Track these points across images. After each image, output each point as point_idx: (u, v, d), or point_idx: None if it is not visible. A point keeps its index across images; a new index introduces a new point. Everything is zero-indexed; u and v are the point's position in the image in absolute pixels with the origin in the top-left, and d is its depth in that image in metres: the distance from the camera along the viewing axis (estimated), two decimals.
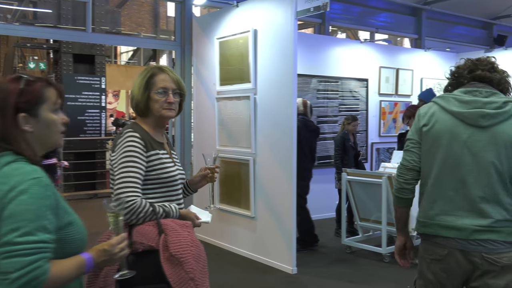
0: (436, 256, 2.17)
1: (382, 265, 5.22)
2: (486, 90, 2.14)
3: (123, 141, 2.08)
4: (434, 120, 2.18)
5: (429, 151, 2.20)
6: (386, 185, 5.22)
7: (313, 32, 9.28)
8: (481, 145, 2.08)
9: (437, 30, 10.85)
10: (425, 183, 2.23)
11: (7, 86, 1.52)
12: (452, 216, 2.12)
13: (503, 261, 2.08)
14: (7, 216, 1.36)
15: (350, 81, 7.78)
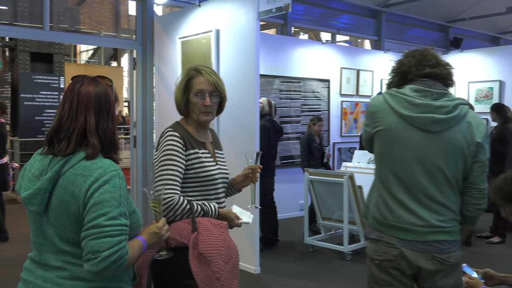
0: (387, 257, 2.17)
1: (344, 263, 5.29)
2: (437, 91, 2.13)
3: (163, 141, 2.16)
4: (384, 122, 2.16)
5: (381, 153, 2.20)
6: (347, 185, 5.30)
7: (275, 33, 9.33)
8: (431, 150, 2.10)
9: (396, 32, 11.10)
10: (377, 185, 2.23)
11: (107, 90, 1.72)
12: (405, 218, 2.13)
13: (452, 260, 2.15)
14: (94, 203, 1.54)
15: (312, 82, 7.86)
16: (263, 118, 5.98)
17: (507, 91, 8.34)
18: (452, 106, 2.10)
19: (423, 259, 2.13)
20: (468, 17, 11.56)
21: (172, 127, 2.22)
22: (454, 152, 2.11)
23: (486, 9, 11.17)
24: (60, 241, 1.61)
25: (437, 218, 2.12)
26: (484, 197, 2.20)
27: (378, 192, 2.22)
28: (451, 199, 2.15)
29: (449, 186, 2.13)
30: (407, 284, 2.20)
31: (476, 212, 2.21)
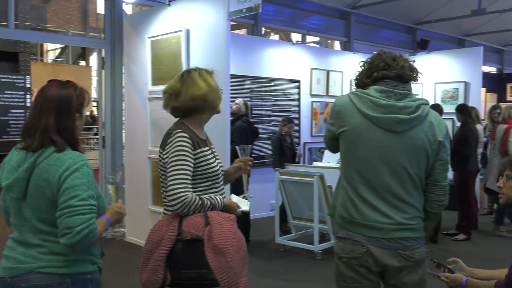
0: (354, 254, 2.21)
1: (314, 262, 5.34)
2: (400, 92, 2.18)
3: (174, 141, 2.30)
4: (350, 122, 2.19)
5: (346, 153, 2.24)
6: (317, 184, 5.34)
7: (246, 33, 9.33)
8: (395, 149, 2.15)
9: (365, 33, 11.25)
10: (343, 184, 2.27)
11: (70, 93, 1.96)
12: (371, 216, 2.18)
13: (416, 257, 2.20)
14: (66, 187, 1.84)
15: (282, 82, 7.89)
16: (240, 119, 5.98)
17: (472, 91, 8.56)
18: (415, 106, 2.16)
19: (389, 256, 2.18)
20: (435, 20, 11.80)
21: (180, 128, 2.35)
22: (417, 151, 2.17)
23: (452, 11, 11.43)
24: (38, 222, 1.90)
25: (402, 216, 2.18)
26: (446, 194, 2.28)
27: (344, 191, 2.26)
28: (415, 197, 2.21)
29: (413, 184, 2.19)
30: (374, 281, 2.25)
31: (439, 208, 2.29)
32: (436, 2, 11.16)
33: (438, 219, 2.35)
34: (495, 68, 15.93)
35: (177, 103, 2.41)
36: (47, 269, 1.89)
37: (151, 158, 5.74)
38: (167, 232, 2.24)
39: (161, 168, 2.41)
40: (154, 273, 2.20)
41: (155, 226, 2.31)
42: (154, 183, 5.75)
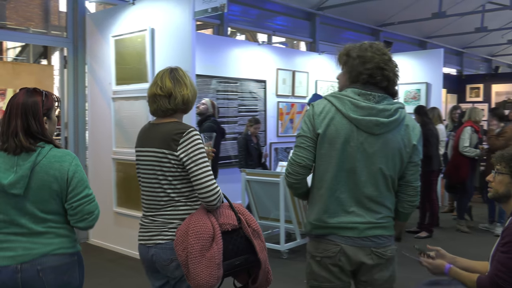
0: (328, 253, 2.23)
1: (281, 262, 5.36)
2: (378, 95, 2.20)
3: (192, 138, 2.28)
4: (330, 123, 2.18)
5: (325, 154, 2.21)
6: (283, 184, 5.37)
7: (212, 33, 9.29)
8: (373, 151, 2.18)
9: (330, 34, 11.38)
10: (320, 186, 2.25)
11: (36, 100, 2.19)
12: (346, 217, 2.20)
13: (388, 254, 2.26)
14: (78, 181, 2.18)
15: (249, 82, 7.90)
16: (208, 119, 5.97)
17: (433, 92, 8.78)
18: (394, 109, 2.19)
19: (363, 254, 2.22)
20: (397, 22, 12.04)
21: (189, 126, 2.34)
22: (394, 154, 2.21)
23: (414, 14, 11.69)
24: (42, 213, 2.16)
25: (374, 216, 2.22)
26: (418, 195, 2.33)
27: (320, 191, 2.25)
28: (387, 198, 2.25)
29: (386, 186, 2.23)
30: (345, 281, 2.28)
31: (410, 209, 2.34)
32: (399, 4, 11.39)
33: (407, 219, 2.41)
34: (455, 70, 16.39)
35: (169, 105, 2.35)
36: (59, 251, 2.18)
37: (115, 159, 5.65)
38: (215, 227, 2.24)
39: (166, 168, 2.30)
40: (218, 269, 2.19)
41: (196, 224, 2.21)
42: (118, 185, 5.66)
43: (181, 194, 2.32)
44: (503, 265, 2.40)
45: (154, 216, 2.36)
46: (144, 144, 2.40)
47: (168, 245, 2.29)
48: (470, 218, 7.43)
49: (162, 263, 2.31)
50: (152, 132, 2.39)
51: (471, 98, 12.09)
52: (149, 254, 2.35)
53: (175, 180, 2.30)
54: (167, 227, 2.31)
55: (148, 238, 2.35)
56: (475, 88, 12.16)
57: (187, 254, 2.18)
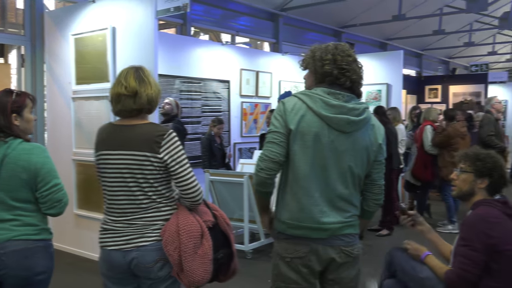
0: (298, 254, 2.24)
1: (245, 262, 5.36)
2: (347, 94, 2.23)
3: (173, 140, 2.28)
4: (302, 120, 2.18)
5: (298, 151, 2.21)
6: (247, 184, 5.38)
7: (175, 32, 9.21)
8: (344, 149, 2.20)
9: (293, 35, 11.47)
10: (293, 184, 2.24)
11: (5, 98, 2.45)
12: (317, 217, 2.21)
13: (355, 252, 2.30)
14: (46, 171, 2.41)
15: (212, 82, 7.87)
16: (173, 120, 5.90)
17: (393, 93, 8.96)
18: (362, 109, 2.24)
19: (333, 253, 2.24)
20: (359, 23, 12.25)
21: (165, 127, 2.36)
22: (362, 152, 2.24)
23: (375, 16, 11.92)
24: (12, 200, 2.37)
25: (344, 215, 2.25)
26: (382, 193, 2.38)
27: (290, 190, 2.25)
28: (354, 197, 2.28)
29: (354, 184, 2.26)
30: (312, 283, 2.30)
31: (375, 207, 2.39)
32: (360, 6, 11.58)
33: (372, 218, 2.46)
34: (415, 71, 16.80)
35: (134, 105, 2.31)
36: (23, 237, 2.37)
37: (76, 160, 5.53)
38: (201, 225, 2.32)
39: (148, 171, 2.26)
40: (210, 264, 2.30)
41: (186, 223, 2.25)
42: (79, 186, 5.54)
43: (162, 195, 2.31)
44: (466, 257, 2.50)
45: (131, 220, 2.30)
46: (115, 147, 2.31)
47: (153, 246, 2.26)
48: (429, 215, 7.64)
49: (144, 266, 2.27)
50: (123, 134, 2.31)
51: (429, 99, 12.39)
52: (126, 258, 2.28)
53: (156, 183, 2.28)
54: (150, 229, 2.28)
55: (126, 242, 2.28)
56: (433, 89, 12.48)
57: (180, 253, 2.22)
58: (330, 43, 2.32)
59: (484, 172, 2.64)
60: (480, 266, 2.47)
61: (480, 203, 2.63)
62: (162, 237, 2.25)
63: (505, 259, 2.48)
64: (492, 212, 2.55)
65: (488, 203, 2.61)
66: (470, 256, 2.48)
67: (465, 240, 2.53)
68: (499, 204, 2.61)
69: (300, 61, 2.38)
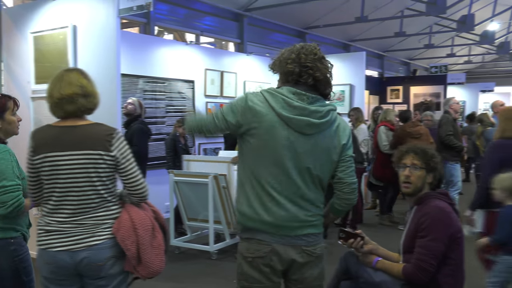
0: (259, 254, 2.24)
1: (210, 263, 5.35)
2: (312, 96, 2.22)
3: (121, 139, 2.37)
4: (263, 119, 2.19)
5: (256, 150, 2.22)
6: (212, 184, 5.36)
7: (138, 31, 9.10)
8: (303, 151, 2.21)
9: (258, 36, 11.51)
10: (251, 180, 2.25)
11: None
12: (278, 214, 2.22)
13: (318, 252, 2.31)
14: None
15: (177, 82, 7.81)
16: (136, 120, 5.82)
17: (356, 94, 9.11)
18: (325, 111, 2.23)
19: (294, 252, 2.25)
20: (323, 25, 12.41)
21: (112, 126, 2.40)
22: (322, 154, 2.25)
23: (338, 18, 12.09)
24: None
25: (305, 214, 2.25)
26: (354, 192, 2.35)
27: (251, 189, 2.25)
28: (316, 197, 2.28)
29: (315, 184, 2.27)
30: (276, 282, 2.30)
31: (347, 206, 2.39)
32: (323, 8, 11.73)
33: (342, 215, 2.47)
34: (377, 72, 17.12)
35: (89, 104, 2.38)
36: None
37: None
38: (151, 219, 2.43)
39: (102, 169, 2.30)
40: (164, 255, 2.44)
41: (139, 218, 2.36)
42: None
43: (112, 193, 2.37)
44: (424, 248, 2.58)
45: (81, 219, 2.30)
46: (65, 148, 2.29)
47: (105, 244, 2.30)
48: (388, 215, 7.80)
49: (96, 264, 2.29)
50: (73, 134, 2.32)
51: (391, 100, 12.65)
52: (74, 259, 2.28)
53: (108, 180, 2.34)
54: (100, 227, 2.31)
55: (75, 243, 2.29)
56: (395, 90, 12.74)
57: (138, 246, 2.31)
58: (296, 45, 2.32)
59: (433, 167, 2.75)
60: (439, 257, 2.57)
61: (427, 197, 2.72)
62: (116, 234, 2.30)
63: (458, 246, 2.62)
64: (443, 204, 2.68)
65: (433, 196, 2.72)
66: (429, 247, 2.57)
67: (425, 231, 2.61)
68: (443, 196, 2.74)
69: (270, 64, 2.38)
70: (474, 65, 23.30)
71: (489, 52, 19.57)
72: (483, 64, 23.71)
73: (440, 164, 2.79)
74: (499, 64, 23.13)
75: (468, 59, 21.26)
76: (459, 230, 2.64)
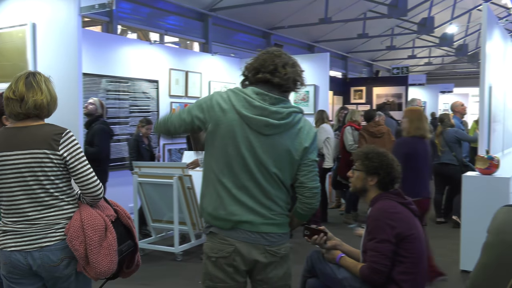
0: (222, 254, 2.25)
1: (175, 264, 5.30)
2: (275, 97, 2.25)
3: (72, 139, 2.37)
4: (224, 117, 2.21)
5: (218, 147, 2.24)
6: (177, 185, 5.32)
7: (101, 30, 8.93)
8: (262, 150, 2.23)
9: (222, 36, 11.49)
10: (212, 178, 2.27)
11: None
12: (238, 211, 2.23)
13: (282, 252, 2.32)
14: None
15: (141, 82, 7.71)
16: (98, 120, 5.71)
17: (321, 94, 9.21)
18: (286, 113, 2.25)
19: (257, 252, 2.25)
20: (287, 26, 12.48)
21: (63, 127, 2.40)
22: (282, 155, 2.26)
23: (302, 19, 12.20)
24: None
25: (268, 211, 2.27)
26: (316, 196, 2.36)
27: (212, 186, 2.27)
28: (278, 195, 2.29)
29: (277, 184, 2.28)
30: (240, 281, 2.30)
31: (309, 211, 2.39)
32: (288, 9, 11.81)
33: (306, 219, 2.48)
34: (341, 73, 17.37)
35: (20, 109, 2.35)
36: None
37: None
38: (105, 219, 2.41)
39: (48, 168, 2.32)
40: (115, 256, 2.39)
41: (89, 218, 2.35)
42: None
43: (64, 192, 2.38)
44: (374, 250, 2.69)
45: (34, 219, 2.33)
46: (12, 148, 2.32)
47: (58, 245, 2.32)
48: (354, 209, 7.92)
49: (49, 265, 2.32)
50: (20, 134, 2.34)
51: (355, 100, 12.85)
52: (29, 259, 2.31)
53: (57, 179, 2.34)
54: (53, 228, 2.33)
55: (28, 243, 2.31)
56: (358, 91, 12.95)
57: (86, 246, 2.30)
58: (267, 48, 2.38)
59: (372, 170, 2.86)
60: (390, 256, 2.66)
61: (377, 199, 2.84)
62: (67, 235, 2.31)
63: (411, 243, 2.70)
64: (389, 204, 2.78)
65: (384, 197, 2.83)
66: (378, 248, 2.67)
67: (372, 234, 2.73)
68: (394, 196, 2.84)
69: (243, 67, 2.42)
70: (434, 67, 23.94)
71: (448, 54, 20.13)
72: (442, 66, 24.39)
73: (386, 168, 2.85)
74: (458, 66, 23.84)
75: (428, 61, 21.82)
76: (410, 228, 2.72)
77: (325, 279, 2.91)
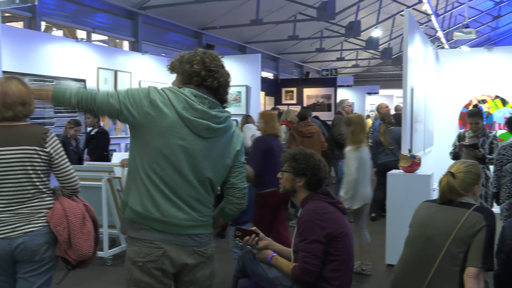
0: (150, 258, 2.19)
1: (104, 269, 5.15)
2: (212, 101, 2.24)
3: (55, 137, 2.68)
4: (161, 116, 2.15)
5: (151, 145, 2.18)
6: (106, 188, 5.17)
7: (23, 26, 8.50)
8: (198, 153, 2.22)
9: (153, 35, 11.30)
10: (143, 176, 2.19)
11: None
12: (170, 212, 2.19)
13: (209, 252, 2.33)
14: None
15: (66, 81, 7.43)
16: None
17: (252, 95, 9.30)
18: (224, 117, 2.27)
19: (186, 255, 2.23)
20: (219, 26, 12.48)
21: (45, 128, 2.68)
22: (217, 159, 2.28)
23: (234, 20, 12.24)
24: None
25: (197, 214, 2.25)
26: (245, 197, 2.42)
27: (142, 185, 2.20)
28: (206, 198, 2.30)
29: (207, 187, 2.28)
30: (167, 284, 2.26)
31: (237, 211, 2.44)
32: (220, 9, 11.82)
33: (231, 220, 2.51)
34: (272, 74, 17.60)
35: (26, 111, 2.64)
36: None
37: None
38: (82, 209, 2.72)
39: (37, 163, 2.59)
40: (93, 241, 2.73)
41: (71, 207, 2.66)
42: None
43: (46, 185, 2.66)
44: (305, 251, 2.77)
45: (17, 209, 2.57)
46: (2, 144, 2.55)
47: (41, 231, 2.59)
48: None
49: (31, 249, 2.57)
50: (10, 133, 2.59)
51: (286, 101, 13.08)
52: (11, 245, 2.54)
53: (42, 173, 2.63)
54: (36, 216, 2.61)
55: (12, 230, 2.55)
56: (289, 91, 13.19)
57: (69, 231, 2.62)
58: (198, 49, 2.36)
59: (299, 171, 2.94)
60: (320, 256, 2.75)
61: (307, 200, 2.93)
62: (50, 221, 2.60)
63: (341, 242, 2.81)
64: (319, 205, 2.86)
65: (314, 197, 2.91)
66: (309, 249, 2.76)
67: (302, 235, 2.82)
68: (323, 196, 2.93)
69: (168, 65, 2.38)
70: (361, 69, 24.83)
71: (374, 57, 20.95)
72: (369, 68, 25.36)
73: (312, 169, 2.93)
74: (383, 68, 24.87)
75: (355, 63, 22.60)
76: (340, 227, 2.82)
77: (257, 278, 2.95)
